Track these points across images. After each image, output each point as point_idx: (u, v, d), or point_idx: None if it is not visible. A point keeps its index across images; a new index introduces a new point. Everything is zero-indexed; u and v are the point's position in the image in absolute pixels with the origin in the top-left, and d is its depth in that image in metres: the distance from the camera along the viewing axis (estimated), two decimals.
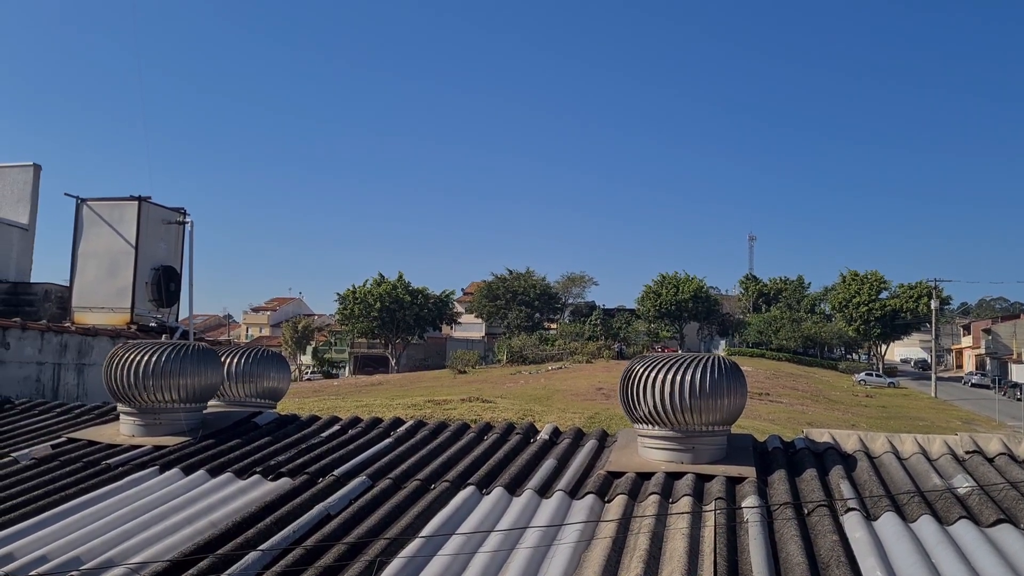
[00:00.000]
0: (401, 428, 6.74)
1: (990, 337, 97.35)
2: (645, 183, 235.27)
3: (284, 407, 7.90)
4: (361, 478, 5.29)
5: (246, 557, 4.04)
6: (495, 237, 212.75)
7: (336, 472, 5.40)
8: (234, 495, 5.18)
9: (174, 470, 5.69)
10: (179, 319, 13.52)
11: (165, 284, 12.79)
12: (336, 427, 6.87)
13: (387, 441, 6.32)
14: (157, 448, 6.28)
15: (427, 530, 4.43)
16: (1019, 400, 60.84)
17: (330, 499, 4.90)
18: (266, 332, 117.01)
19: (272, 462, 5.73)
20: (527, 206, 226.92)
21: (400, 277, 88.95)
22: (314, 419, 7.15)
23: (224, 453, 6.09)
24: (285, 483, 5.32)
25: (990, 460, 5.56)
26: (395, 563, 4.01)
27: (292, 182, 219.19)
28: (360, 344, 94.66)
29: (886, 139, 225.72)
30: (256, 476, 5.48)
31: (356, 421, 7.03)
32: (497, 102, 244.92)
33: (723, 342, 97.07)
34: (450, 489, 5.10)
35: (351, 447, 6.12)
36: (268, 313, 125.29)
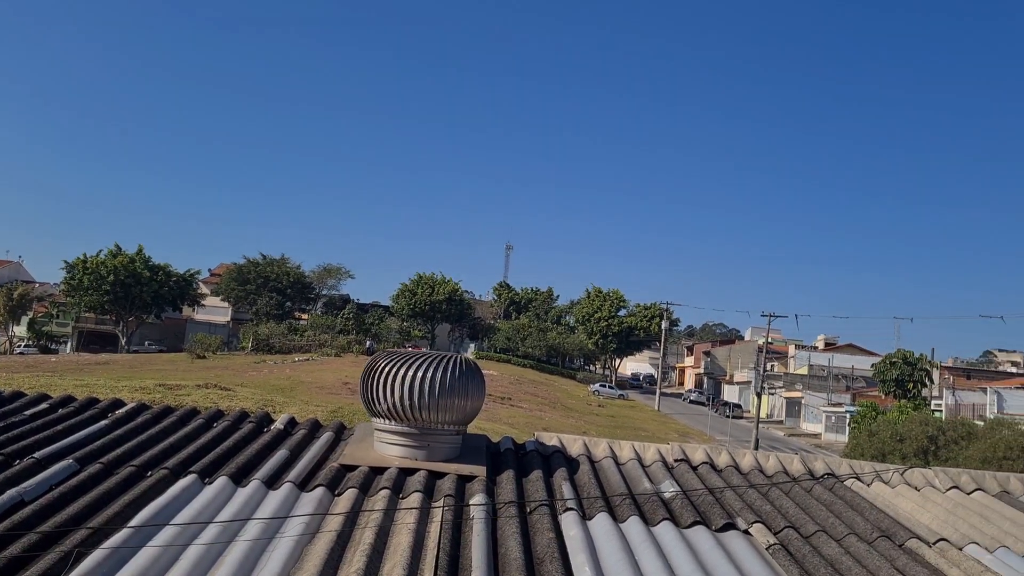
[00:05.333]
0: (120, 410, 6.24)
1: (709, 359, 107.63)
2: (410, 183, 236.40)
3: None
4: (67, 462, 4.83)
5: None
6: (250, 219, 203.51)
7: (37, 455, 4.88)
8: None
9: None
10: None
11: None
12: (44, 405, 6.22)
13: (103, 423, 5.81)
14: None
15: (137, 520, 4.12)
16: (727, 417, 67.72)
17: (26, 484, 4.42)
18: None
19: None
20: (286, 191, 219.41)
21: (140, 251, 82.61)
22: (18, 395, 6.43)
23: None
24: None
25: (694, 468, 6.11)
26: (96, 555, 3.69)
27: (21, 123, 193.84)
28: (88, 319, 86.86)
29: (629, 186, 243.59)
30: None
31: (68, 400, 6.41)
32: (264, 83, 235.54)
33: (473, 345, 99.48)
34: (169, 477, 4.78)
35: (59, 428, 5.55)
36: None
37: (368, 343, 76.65)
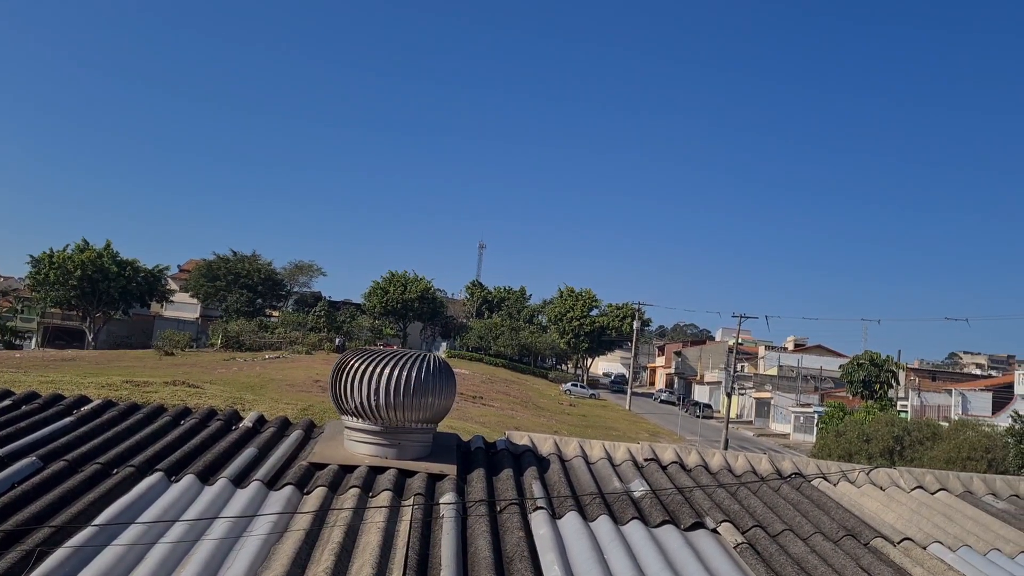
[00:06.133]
0: (86, 407, 6.15)
1: (680, 359, 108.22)
2: (383, 181, 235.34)
3: None
4: (30, 459, 4.75)
5: None
6: (221, 216, 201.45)
7: None
8: None
9: None
10: None
11: None
12: (7, 402, 6.11)
13: (67, 420, 5.73)
14: None
15: (102, 518, 4.06)
16: (698, 417, 68.12)
17: None
18: None
19: None
20: (257, 188, 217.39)
21: (108, 246, 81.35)
22: None
23: None
24: None
25: (664, 467, 6.14)
26: (59, 553, 3.63)
27: None
28: (54, 315, 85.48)
29: (605, 184, 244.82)
30: None
31: (33, 396, 6.31)
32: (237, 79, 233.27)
33: (445, 344, 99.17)
34: (135, 475, 4.72)
35: (22, 425, 5.46)
36: None
37: (337, 340, 75.90)
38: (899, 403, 64.13)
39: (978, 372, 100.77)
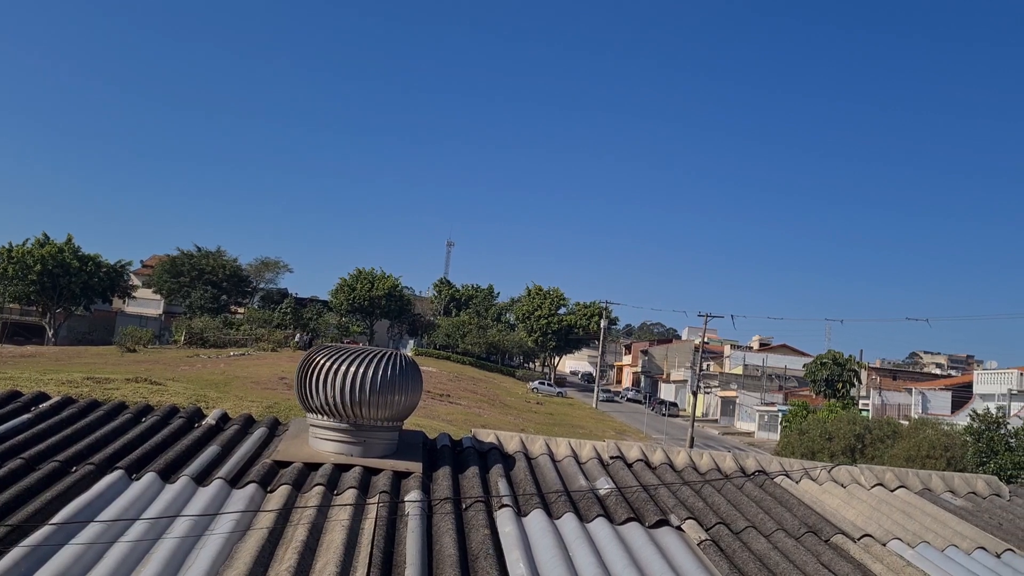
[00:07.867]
0: (44, 404, 6.03)
1: (646, 357, 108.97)
2: (351, 179, 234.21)
3: None
4: None
5: None
6: (186, 210, 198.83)
7: None
8: None
9: None
10: None
11: None
12: None
13: (25, 417, 5.61)
14: None
15: (60, 517, 3.99)
16: (664, 415, 68.61)
17: None
18: None
19: None
20: (223, 184, 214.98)
21: (69, 240, 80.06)
22: None
23: None
24: None
25: (629, 465, 6.17)
26: (14, 552, 3.57)
27: None
28: (12, 310, 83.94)
29: (574, 186, 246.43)
30: None
31: None
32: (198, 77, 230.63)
33: (412, 342, 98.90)
34: (94, 473, 4.64)
35: None
36: None
37: (298, 336, 74.89)
38: (861, 402, 65.05)
39: (938, 372, 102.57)
